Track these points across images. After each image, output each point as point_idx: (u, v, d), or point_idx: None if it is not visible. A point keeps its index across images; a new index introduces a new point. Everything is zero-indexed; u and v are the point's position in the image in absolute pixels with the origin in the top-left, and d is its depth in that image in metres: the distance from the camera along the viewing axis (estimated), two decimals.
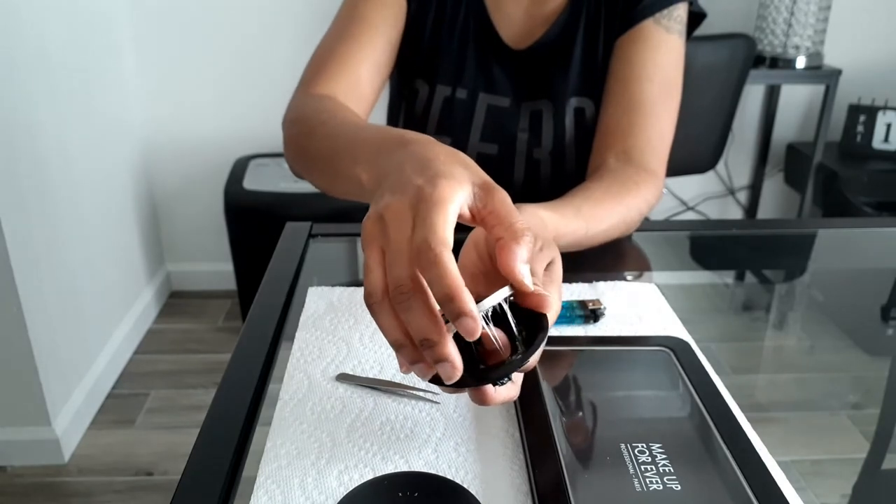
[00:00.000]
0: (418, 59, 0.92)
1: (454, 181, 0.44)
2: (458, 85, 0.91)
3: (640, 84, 0.84)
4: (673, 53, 0.86)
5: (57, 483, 1.64)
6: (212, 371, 2.06)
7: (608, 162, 0.82)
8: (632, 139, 0.83)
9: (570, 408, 0.55)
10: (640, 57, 0.85)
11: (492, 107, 0.91)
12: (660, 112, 0.84)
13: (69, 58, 1.80)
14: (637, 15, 0.85)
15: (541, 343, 0.45)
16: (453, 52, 0.91)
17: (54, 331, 1.68)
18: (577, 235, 0.67)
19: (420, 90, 0.93)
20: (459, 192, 0.44)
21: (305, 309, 0.71)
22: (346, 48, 0.84)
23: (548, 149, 0.92)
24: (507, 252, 0.43)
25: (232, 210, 2.05)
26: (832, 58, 2.19)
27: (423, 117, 0.93)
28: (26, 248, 1.56)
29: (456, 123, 0.92)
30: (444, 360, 0.41)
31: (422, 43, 0.91)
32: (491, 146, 0.92)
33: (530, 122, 0.92)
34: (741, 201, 2.51)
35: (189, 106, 2.26)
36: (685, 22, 0.88)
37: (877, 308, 0.90)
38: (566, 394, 0.56)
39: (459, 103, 0.91)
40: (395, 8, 0.88)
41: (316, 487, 0.48)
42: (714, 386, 0.57)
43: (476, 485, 0.49)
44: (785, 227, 1.17)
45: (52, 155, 1.70)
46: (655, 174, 0.82)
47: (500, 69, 0.91)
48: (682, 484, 0.46)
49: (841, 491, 0.61)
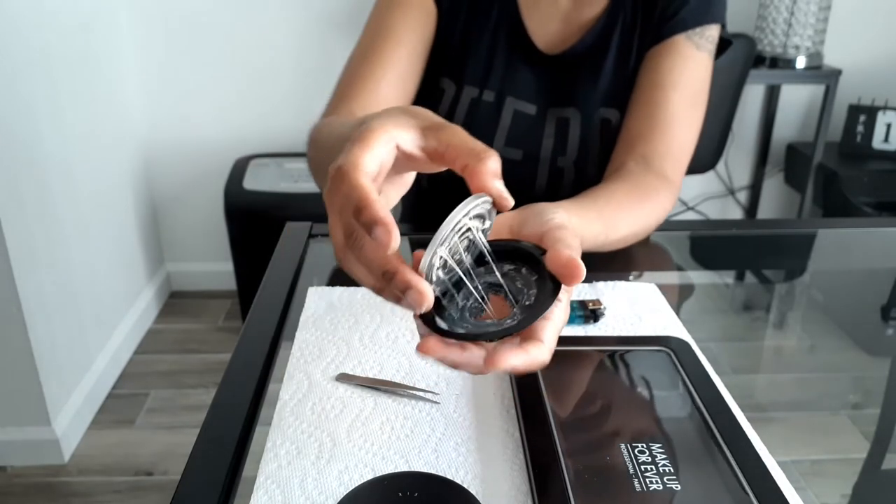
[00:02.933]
0: (446, 57, 0.91)
1: (381, 122, 0.43)
2: (485, 87, 0.90)
3: (665, 92, 0.83)
4: (701, 69, 0.85)
5: (57, 483, 1.64)
6: (212, 371, 2.06)
7: (627, 165, 0.81)
8: (652, 144, 0.82)
9: (570, 408, 0.55)
10: (667, 67, 0.84)
11: (518, 111, 0.90)
12: (682, 122, 0.83)
13: (69, 58, 1.80)
14: (670, 29, 0.85)
15: (546, 304, 0.43)
16: (482, 53, 0.89)
17: (54, 331, 1.68)
18: (596, 241, 0.66)
19: (446, 89, 0.91)
20: (386, 132, 0.43)
21: (305, 309, 0.71)
22: (367, 68, 0.84)
23: (572, 158, 0.91)
24: (477, 174, 0.42)
25: (232, 210, 2.05)
26: (832, 58, 2.19)
27: (447, 117, 0.92)
28: (26, 249, 1.56)
29: (481, 126, 0.91)
30: (407, 287, 0.40)
31: (451, 42, 0.90)
32: (515, 151, 0.91)
33: (556, 130, 0.90)
34: (741, 201, 2.51)
35: (189, 106, 2.26)
36: (716, 43, 0.87)
37: (877, 308, 0.90)
38: (566, 394, 0.56)
39: (486, 106, 0.90)
40: (423, 16, 0.88)
41: (316, 487, 0.48)
42: (714, 386, 0.57)
43: (476, 485, 0.49)
44: (785, 227, 1.17)
45: (52, 155, 1.70)
46: (672, 183, 0.81)
47: (529, 73, 0.90)
48: (682, 484, 0.46)
49: (841, 491, 0.61)
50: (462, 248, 0.45)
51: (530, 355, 0.42)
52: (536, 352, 0.43)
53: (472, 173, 0.42)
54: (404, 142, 0.44)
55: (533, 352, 0.43)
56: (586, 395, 0.57)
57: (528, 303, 0.44)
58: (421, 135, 0.44)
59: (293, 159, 2.21)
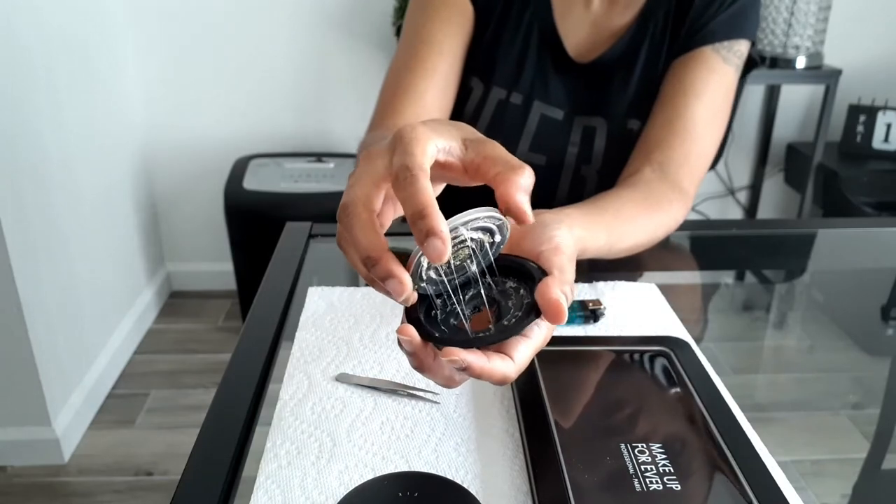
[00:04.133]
0: (476, 56, 0.90)
1: (431, 127, 0.44)
2: (514, 89, 0.89)
3: (687, 100, 0.82)
4: (725, 82, 0.84)
5: (57, 483, 1.64)
6: (212, 371, 2.06)
7: (643, 171, 0.80)
8: (669, 152, 0.81)
9: (569, 408, 0.55)
10: (692, 77, 0.83)
11: (545, 116, 0.90)
12: (702, 132, 0.82)
13: (69, 58, 1.80)
14: (698, 40, 0.84)
15: (516, 329, 0.44)
16: (513, 55, 0.89)
17: (54, 331, 1.68)
18: (599, 252, 0.65)
19: (475, 89, 0.91)
20: (438, 136, 0.44)
21: (305, 309, 0.71)
22: (411, 80, 0.84)
23: (596, 167, 0.90)
24: (506, 182, 0.42)
25: (232, 210, 2.05)
26: (832, 58, 2.19)
27: (474, 117, 0.91)
28: (26, 249, 1.56)
29: (507, 128, 0.90)
30: (388, 276, 0.41)
31: (482, 41, 0.89)
32: (539, 157, 0.90)
33: (582, 138, 0.90)
34: (741, 201, 2.51)
35: (189, 106, 2.26)
36: (744, 59, 0.86)
37: (877, 308, 0.90)
38: (566, 394, 0.56)
39: (513, 108, 0.89)
40: (461, 18, 0.87)
41: (316, 487, 0.48)
42: (714, 386, 0.57)
43: (476, 485, 0.49)
44: (785, 227, 1.17)
45: (52, 155, 1.70)
46: (687, 194, 0.80)
47: (558, 79, 0.89)
48: (682, 484, 0.46)
49: (841, 491, 0.61)
50: (464, 256, 0.45)
51: (492, 363, 0.43)
52: (501, 364, 0.43)
53: (501, 180, 0.43)
54: (446, 150, 0.44)
55: (496, 363, 0.43)
56: (586, 395, 0.57)
57: (506, 322, 0.45)
58: (462, 145, 0.45)
59: (293, 159, 2.21)
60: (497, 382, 0.44)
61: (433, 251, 0.39)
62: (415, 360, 0.45)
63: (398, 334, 0.43)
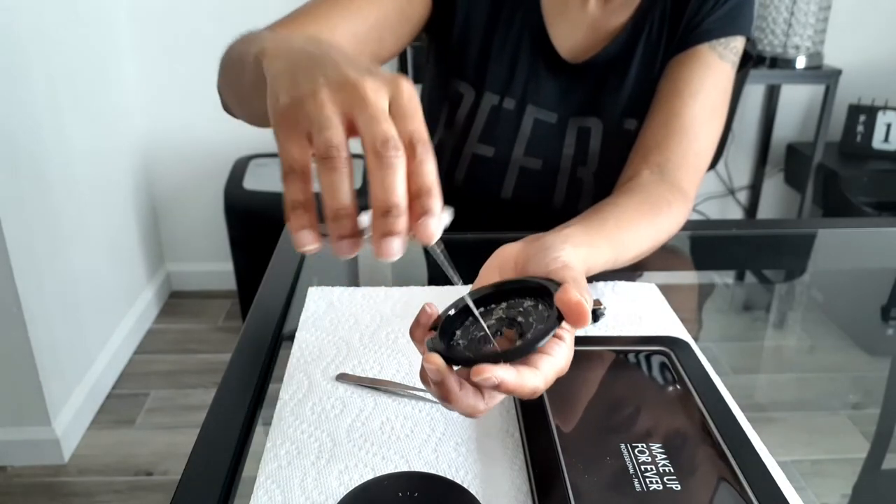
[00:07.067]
0: (464, 63, 0.89)
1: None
2: (506, 94, 0.89)
3: (683, 100, 0.82)
4: (722, 79, 0.84)
5: (57, 483, 1.64)
6: (212, 371, 2.06)
7: (642, 174, 0.79)
8: (668, 153, 0.80)
9: (569, 408, 0.55)
10: (687, 75, 0.83)
11: (539, 120, 0.89)
12: (699, 131, 0.82)
13: (70, 59, 1.80)
14: (695, 38, 0.84)
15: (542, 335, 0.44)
16: (505, 61, 0.88)
17: (54, 331, 1.68)
18: (605, 266, 0.65)
19: (465, 94, 0.90)
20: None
21: (305, 309, 0.71)
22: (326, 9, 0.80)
23: (592, 168, 0.89)
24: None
25: (232, 210, 2.05)
26: (832, 58, 2.19)
27: (467, 124, 0.90)
28: (26, 248, 1.55)
29: (501, 134, 0.89)
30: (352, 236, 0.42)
31: (469, 48, 0.88)
32: (535, 161, 0.90)
33: (576, 139, 0.89)
34: (741, 201, 2.51)
35: (189, 106, 2.26)
36: (740, 55, 0.86)
37: (877, 308, 0.90)
38: (566, 394, 0.56)
39: (506, 114, 0.89)
40: None
41: (316, 487, 0.48)
42: (714, 386, 0.57)
43: (476, 485, 0.49)
44: (785, 227, 1.17)
45: (52, 155, 1.70)
46: (687, 195, 0.79)
47: (551, 82, 0.88)
48: (682, 484, 0.46)
49: (841, 491, 0.61)
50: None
51: (522, 376, 0.43)
52: (530, 376, 0.43)
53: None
54: None
55: (526, 375, 0.43)
56: (586, 395, 0.57)
57: (530, 335, 0.45)
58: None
59: None
60: (527, 396, 0.44)
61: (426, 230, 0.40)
62: (440, 390, 0.44)
63: (424, 363, 0.43)
